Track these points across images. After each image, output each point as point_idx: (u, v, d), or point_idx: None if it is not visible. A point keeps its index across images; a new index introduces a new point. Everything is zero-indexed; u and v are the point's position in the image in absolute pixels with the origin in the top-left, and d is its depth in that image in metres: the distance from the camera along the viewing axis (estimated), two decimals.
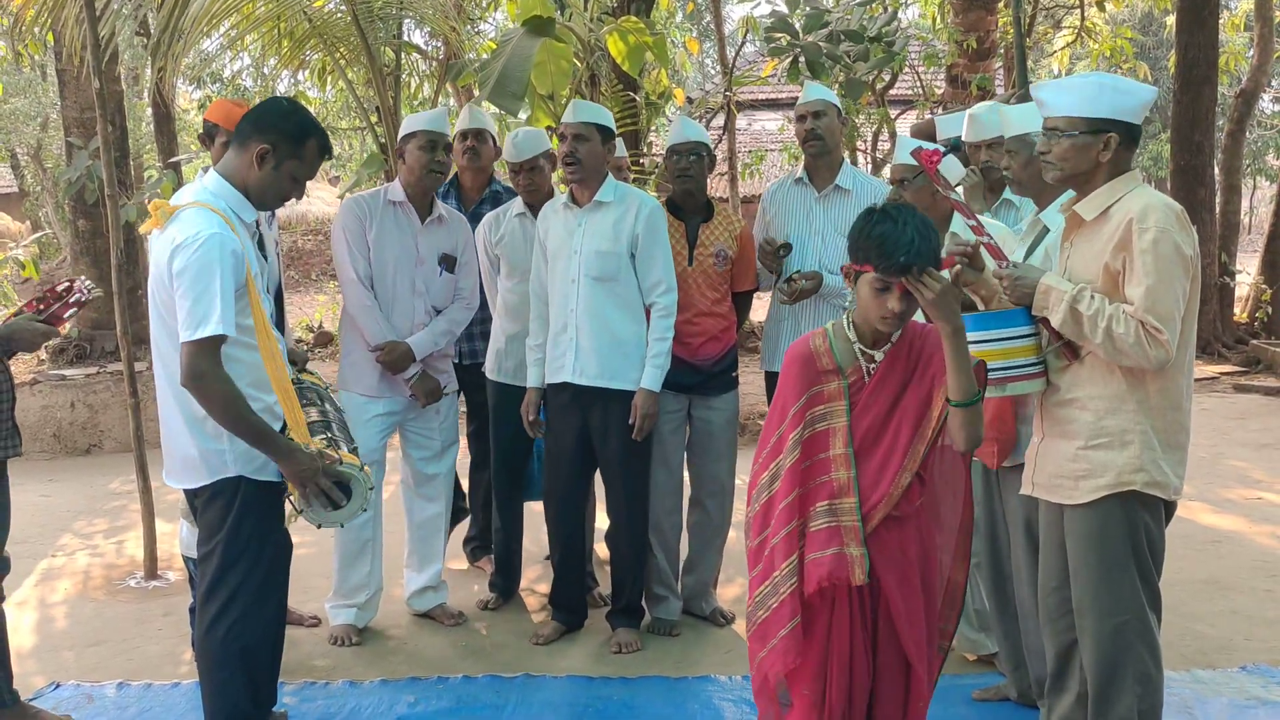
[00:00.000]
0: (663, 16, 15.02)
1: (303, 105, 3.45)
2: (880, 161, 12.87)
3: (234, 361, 3.18)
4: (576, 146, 4.39)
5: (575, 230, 4.46)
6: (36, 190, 18.69)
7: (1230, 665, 4.28)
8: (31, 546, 6.35)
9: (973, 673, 4.23)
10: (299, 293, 18.89)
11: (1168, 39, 22.08)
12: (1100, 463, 3.04)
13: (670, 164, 4.70)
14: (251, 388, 3.23)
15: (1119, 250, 2.96)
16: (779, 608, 2.79)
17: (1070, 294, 2.97)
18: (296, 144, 3.30)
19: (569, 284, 4.44)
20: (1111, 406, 3.03)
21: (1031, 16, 13.57)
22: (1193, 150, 12.45)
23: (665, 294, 4.44)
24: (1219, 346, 12.27)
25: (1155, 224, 2.91)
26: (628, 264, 4.42)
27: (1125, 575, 3.08)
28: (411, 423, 4.81)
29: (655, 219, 4.45)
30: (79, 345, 10.31)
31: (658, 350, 4.42)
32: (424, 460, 4.85)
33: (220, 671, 3.36)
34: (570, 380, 4.44)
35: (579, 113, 4.48)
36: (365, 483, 3.39)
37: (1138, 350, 2.89)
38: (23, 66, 17.17)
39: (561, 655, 4.56)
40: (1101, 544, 3.08)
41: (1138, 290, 2.91)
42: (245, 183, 3.31)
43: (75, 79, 10.37)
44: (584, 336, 4.41)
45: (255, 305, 3.23)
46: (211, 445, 3.26)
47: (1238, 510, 6.51)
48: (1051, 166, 3.10)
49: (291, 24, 7.32)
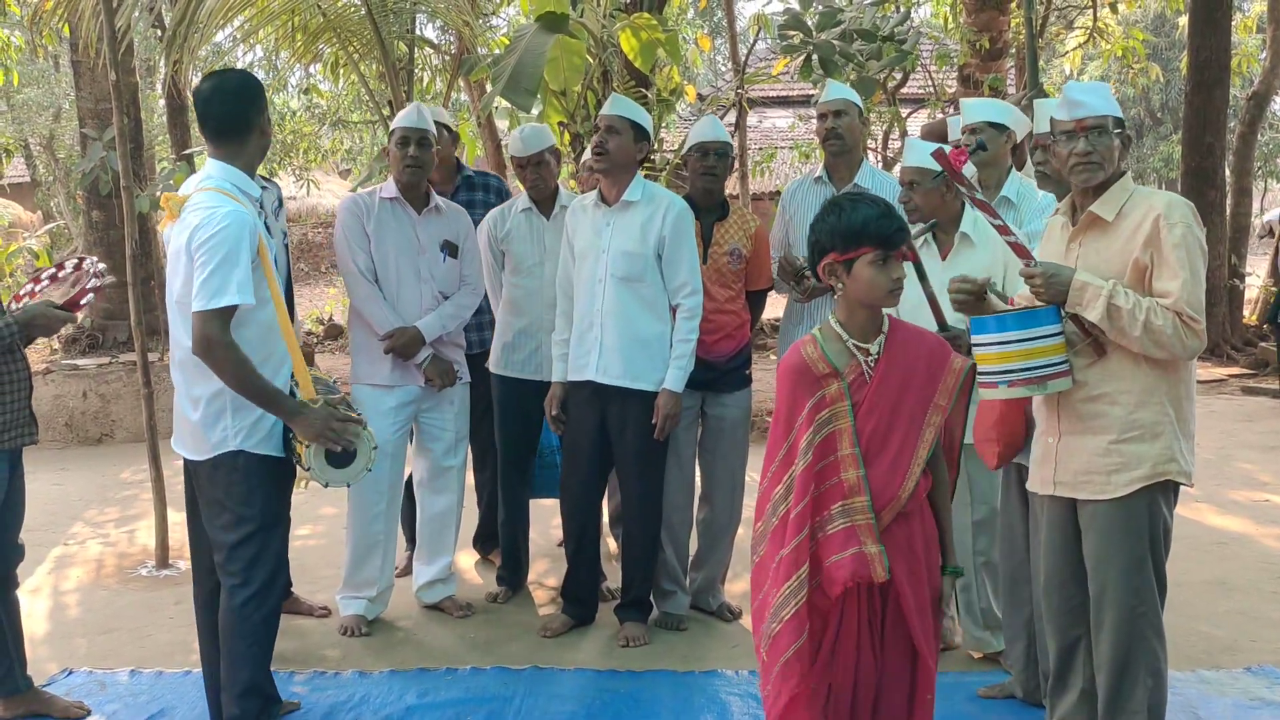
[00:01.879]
0: (675, 13, 15.00)
1: (234, 70, 3.73)
2: (891, 160, 12.87)
3: (245, 327, 3.32)
4: (607, 138, 4.41)
5: (603, 229, 4.47)
6: (49, 180, 18.72)
7: (1235, 666, 4.29)
8: (44, 534, 6.40)
9: (978, 670, 4.24)
10: (309, 285, 18.95)
11: (1180, 40, 22.05)
12: (1135, 455, 3.10)
13: (695, 162, 4.70)
14: (263, 354, 3.39)
15: (1147, 246, 3.03)
16: (790, 619, 2.78)
17: (1107, 290, 3.02)
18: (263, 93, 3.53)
19: (596, 283, 4.46)
20: (1142, 399, 3.10)
21: (1044, 17, 13.56)
22: (1204, 152, 12.43)
23: (690, 295, 4.45)
24: (1228, 349, 12.26)
25: (1181, 219, 3.02)
26: (654, 265, 4.44)
27: (1145, 568, 3.15)
28: (426, 414, 4.83)
29: (683, 221, 4.45)
30: (92, 335, 10.35)
31: (681, 352, 4.43)
32: (439, 453, 4.87)
33: (240, 643, 3.47)
34: (593, 379, 4.46)
35: (615, 106, 4.50)
36: (370, 441, 3.52)
37: (1175, 341, 2.97)
38: (37, 57, 17.21)
39: (569, 648, 4.59)
40: (1126, 537, 3.13)
41: (1173, 283, 2.98)
42: (251, 160, 3.50)
43: (90, 70, 10.39)
44: (609, 335, 4.43)
45: (270, 277, 3.38)
46: (214, 420, 3.39)
47: (1244, 512, 6.52)
48: (1096, 168, 3.10)
49: (306, 18, 7.33)
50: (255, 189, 3.50)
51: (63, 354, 10.29)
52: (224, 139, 3.45)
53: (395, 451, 4.72)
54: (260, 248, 3.35)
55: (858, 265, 2.80)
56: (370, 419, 4.02)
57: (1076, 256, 3.21)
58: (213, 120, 3.46)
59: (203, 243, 3.24)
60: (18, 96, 16.36)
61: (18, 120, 16.96)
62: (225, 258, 3.21)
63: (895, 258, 2.79)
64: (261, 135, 3.49)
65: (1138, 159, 31.70)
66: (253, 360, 3.31)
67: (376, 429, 4.25)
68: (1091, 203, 3.16)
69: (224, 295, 3.20)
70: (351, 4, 7.32)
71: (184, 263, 3.31)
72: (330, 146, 17.57)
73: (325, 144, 17.12)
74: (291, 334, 3.51)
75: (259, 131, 3.47)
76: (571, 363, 4.55)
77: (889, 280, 2.78)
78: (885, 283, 2.78)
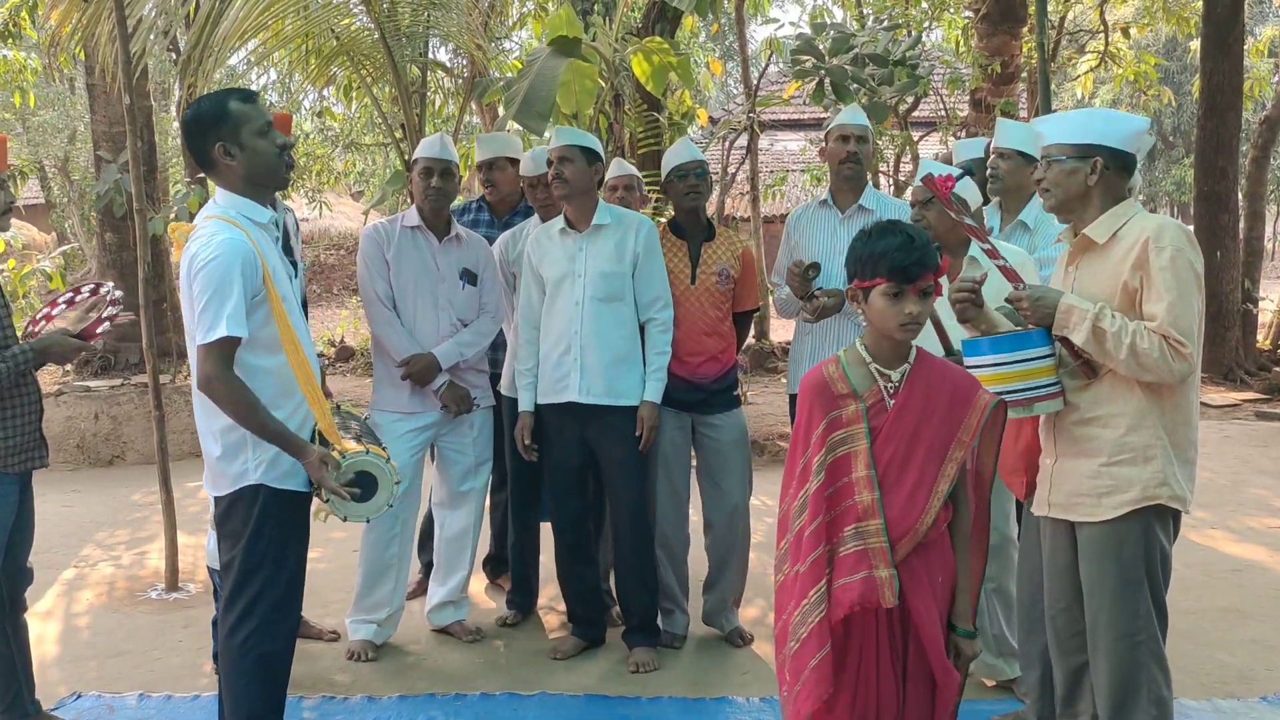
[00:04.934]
0: (687, 37, 15.09)
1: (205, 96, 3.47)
2: (902, 184, 12.88)
3: (259, 372, 3.24)
4: (563, 168, 4.52)
5: (577, 255, 4.57)
6: (63, 202, 18.85)
7: (1250, 695, 4.25)
8: (54, 556, 6.40)
9: (991, 698, 4.21)
10: (321, 307, 19.02)
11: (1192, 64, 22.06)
12: (1125, 478, 3.10)
13: (677, 185, 4.76)
14: (279, 396, 3.29)
15: (1136, 269, 3.05)
16: (808, 638, 2.75)
17: (1092, 312, 3.04)
18: (226, 117, 3.27)
19: (573, 306, 4.54)
20: (1134, 423, 3.10)
21: (1055, 41, 13.59)
22: (1216, 176, 12.41)
23: (664, 309, 4.60)
24: (1241, 373, 12.20)
25: (1171, 243, 3.02)
26: (630, 283, 4.57)
27: (1140, 593, 3.12)
28: (445, 438, 4.85)
29: (652, 238, 4.63)
30: (104, 357, 10.38)
31: (659, 365, 4.57)
32: (458, 477, 4.89)
33: (239, 679, 3.38)
34: (576, 399, 4.52)
35: (562, 136, 4.62)
36: (392, 476, 3.43)
37: (1161, 364, 2.97)
38: (52, 80, 17.34)
39: (579, 672, 4.57)
40: (1118, 561, 3.12)
41: (1159, 306, 2.99)
42: (241, 185, 3.34)
43: (105, 94, 10.48)
44: (589, 356, 4.51)
45: (278, 312, 3.27)
46: (234, 453, 3.30)
47: (1259, 539, 6.47)
48: (1048, 194, 3.23)
49: (319, 41, 7.38)
50: (263, 214, 3.37)
51: (75, 376, 10.33)
52: (203, 169, 3.42)
53: (411, 476, 4.72)
54: (266, 276, 3.24)
55: (873, 295, 2.79)
56: (388, 442, 4.02)
57: (1073, 280, 3.24)
58: (192, 156, 3.46)
59: (196, 274, 3.17)
60: (34, 119, 16.48)
61: (33, 142, 17.08)
62: (218, 290, 3.13)
63: (911, 292, 2.75)
64: (231, 165, 3.30)
65: (1150, 183, 31.70)
66: (272, 394, 3.26)
67: (393, 453, 4.25)
68: (1083, 226, 3.20)
69: (217, 329, 3.11)
70: (365, 28, 7.37)
71: (184, 293, 3.26)
72: (343, 169, 17.66)
73: (338, 166, 17.21)
74: (311, 378, 3.35)
75: (224, 163, 3.31)
76: (548, 386, 4.61)
77: (901, 314, 2.75)
78: (897, 316, 2.75)
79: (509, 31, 12.42)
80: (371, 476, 3.40)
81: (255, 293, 3.21)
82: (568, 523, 4.72)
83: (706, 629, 4.92)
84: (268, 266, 3.25)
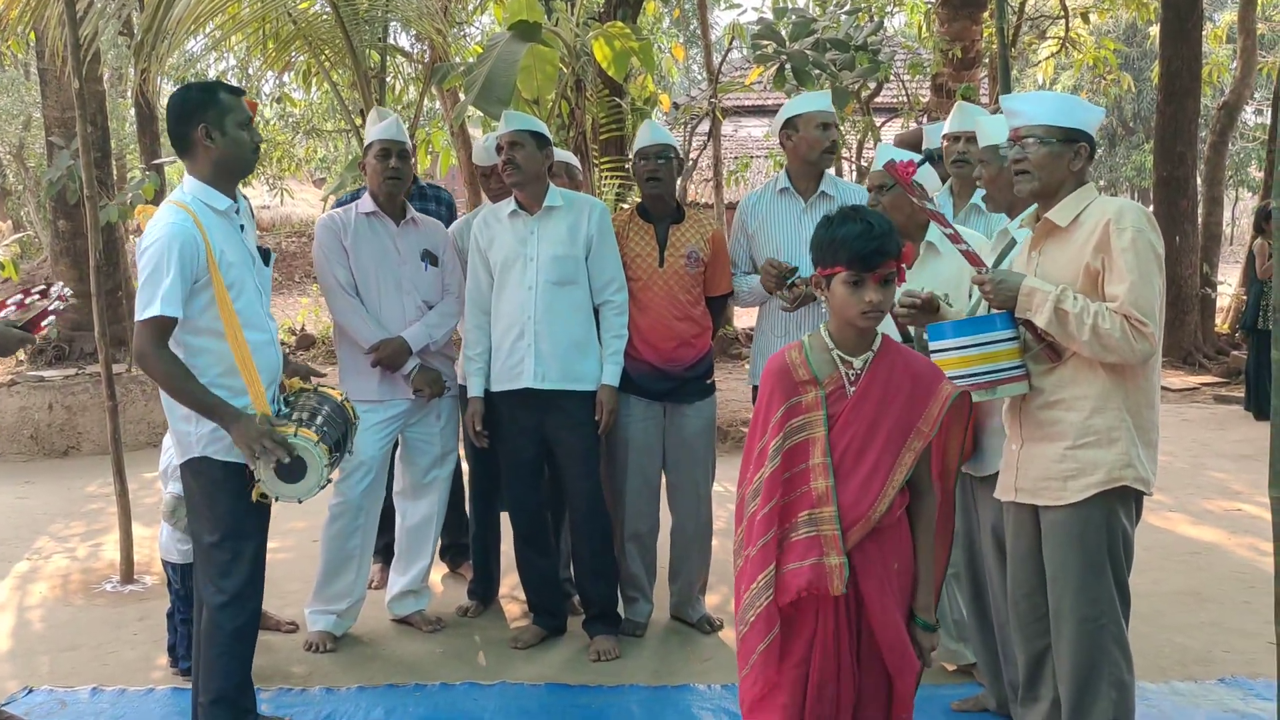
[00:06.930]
0: (649, 22, 15.04)
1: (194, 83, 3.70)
2: (864, 170, 12.90)
3: (201, 352, 3.42)
4: (514, 154, 4.48)
5: (528, 238, 4.52)
6: (19, 189, 18.58)
7: (1209, 678, 4.28)
8: (7, 549, 6.31)
9: (952, 683, 4.21)
10: (282, 295, 18.80)
11: (1151, 50, 22.22)
12: (1090, 461, 3.10)
13: (639, 168, 4.73)
14: (223, 377, 3.43)
15: (1098, 251, 3.05)
16: (756, 622, 2.77)
17: (1054, 294, 3.04)
18: (215, 103, 3.45)
19: (525, 290, 4.48)
20: (1098, 405, 3.10)
21: (1016, 27, 13.61)
22: (1175, 161, 12.51)
23: (618, 291, 4.57)
24: (1200, 357, 12.32)
25: (1131, 224, 3.03)
26: (583, 266, 4.53)
27: (1103, 577, 3.13)
28: (413, 428, 4.80)
29: (605, 219, 4.61)
30: (58, 346, 10.25)
31: (616, 348, 4.54)
32: (425, 467, 4.85)
33: (211, 649, 3.52)
34: (531, 385, 4.47)
35: (510, 122, 4.58)
36: (321, 458, 3.48)
37: (1124, 344, 2.97)
38: (5, 65, 17.06)
39: (540, 662, 4.54)
40: (1082, 545, 3.13)
41: (1121, 286, 3.00)
42: (211, 171, 3.48)
43: (57, 79, 10.31)
44: (544, 341, 4.46)
45: (221, 297, 3.40)
46: (182, 427, 3.50)
47: (1217, 522, 6.53)
48: (1028, 177, 3.18)
49: (276, 25, 7.29)
50: (222, 201, 3.49)
51: (29, 365, 10.18)
52: (179, 154, 3.54)
53: (378, 467, 4.68)
54: (211, 261, 3.37)
55: (834, 283, 2.78)
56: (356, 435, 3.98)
57: (1037, 264, 3.24)
58: (170, 136, 3.56)
59: (140, 254, 3.37)
60: None
61: None
62: (155, 270, 3.30)
63: (871, 280, 2.74)
64: (209, 148, 3.45)
65: (1110, 168, 31.95)
66: (215, 373, 3.40)
67: (362, 444, 4.32)
68: (1048, 210, 3.19)
69: (150, 307, 3.29)
70: (322, 12, 7.28)
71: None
72: (304, 155, 17.50)
73: (299, 153, 17.04)
74: (246, 355, 3.45)
75: (202, 145, 3.44)
76: (501, 373, 4.55)
77: (860, 302, 2.74)
78: (858, 304, 2.74)
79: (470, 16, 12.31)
80: (302, 460, 3.47)
81: (198, 277, 3.36)
82: (524, 514, 4.68)
83: (669, 617, 4.90)
84: (213, 253, 3.38)
